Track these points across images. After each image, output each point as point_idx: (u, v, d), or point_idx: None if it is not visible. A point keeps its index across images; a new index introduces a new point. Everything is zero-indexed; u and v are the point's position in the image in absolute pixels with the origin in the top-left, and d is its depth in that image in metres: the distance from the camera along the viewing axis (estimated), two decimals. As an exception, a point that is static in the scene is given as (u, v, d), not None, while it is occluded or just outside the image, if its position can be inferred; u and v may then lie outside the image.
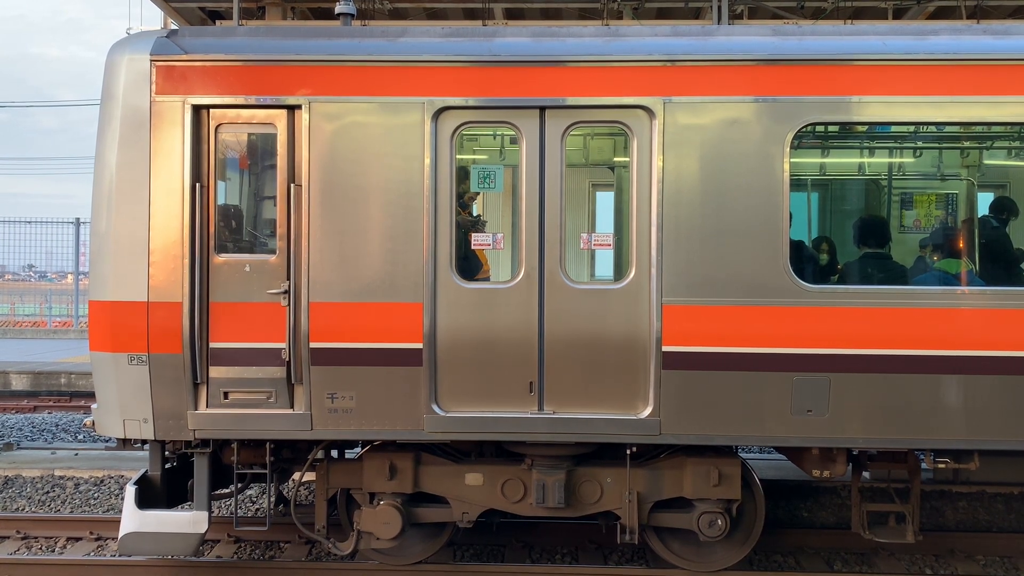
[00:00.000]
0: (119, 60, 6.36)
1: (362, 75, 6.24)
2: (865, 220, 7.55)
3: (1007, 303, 6.08)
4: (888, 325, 6.05)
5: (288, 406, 6.33)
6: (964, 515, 8.47)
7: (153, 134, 6.28)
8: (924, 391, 6.05)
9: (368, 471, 6.67)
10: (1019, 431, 6.05)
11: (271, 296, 6.32)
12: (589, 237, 6.80)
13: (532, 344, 6.19)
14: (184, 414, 6.31)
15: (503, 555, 7.60)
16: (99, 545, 7.81)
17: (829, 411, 6.10)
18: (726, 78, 6.13)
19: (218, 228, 6.40)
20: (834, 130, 7.06)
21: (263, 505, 8.71)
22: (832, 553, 7.67)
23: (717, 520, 6.52)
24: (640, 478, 6.57)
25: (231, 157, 6.56)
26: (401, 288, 6.20)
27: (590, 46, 6.26)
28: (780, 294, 6.08)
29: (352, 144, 6.23)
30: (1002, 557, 7.59)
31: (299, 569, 7.05)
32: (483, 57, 6.25)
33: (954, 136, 7.41)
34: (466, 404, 6.25)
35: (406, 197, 6.20)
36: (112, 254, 6.32)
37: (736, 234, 6.10)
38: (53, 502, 8.89)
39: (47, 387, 15.62)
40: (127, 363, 6.30)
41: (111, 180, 6.32)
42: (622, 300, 6.19)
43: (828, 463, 6.53)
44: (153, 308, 6.27)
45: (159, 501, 6.64)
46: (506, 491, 6.65)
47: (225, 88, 6.29)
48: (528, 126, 6.25)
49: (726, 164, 6.11)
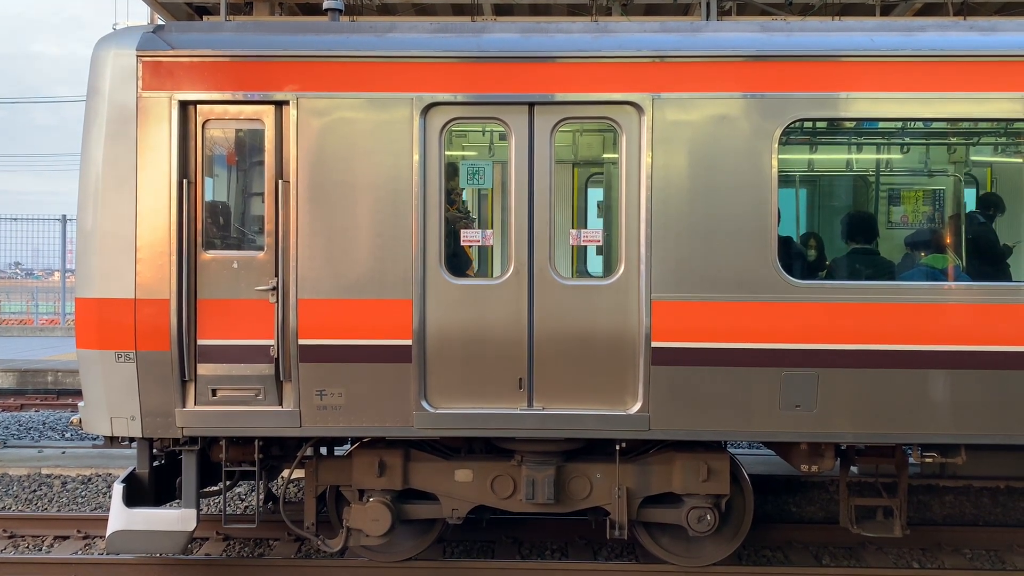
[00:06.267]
0: (105, 55, 6.32)
1: (350, 71, 6.22)
2: (853, 216, 7.57)
3: (993, 298, 6.12)
4: (876, 320, 6.08)
5: (277, 403, 6.32)
6: (951, 509, 8.52)
7: (140, 130, 6.24)
8: (911, 386, 6.09)
9: (357, 468, 6.66)
10: (1005, 425, 6.10)
11: (259, 293, 6.29)
12: (578, 233, 6.80)
13: (521, 340, 6.19)
14: (172, 411, 6.28)
15: (493, 551, 7.61)
16: (87, 544, 7.77)
17: (817, 406, 6.12)
18: (714, 74, 6.14)
19: (206, 224, 6.37)
20: (822, 126, 7.08)
21: (252, 502, 8.69)
22: (820, 547, 7.71)
23: (706, 515, 6.55)
24: (629, 474, 6.58)
25: (218, 153, 6.52)
26: (390, 284, 6.19)
27: (579, 42, 6.26)
28: (768, 290, 6.10)
29: (340, 140, 6.21)
30: (988, 550, 7.65)
31: (288, 566, 7.03)
32: (472, 53, 6.24)
33: (941, 132, 7.44)
34: (455, 400, 6.25)
35: (395, 193, 6.19)
36: (99, 251, 6.28)
37: (725, 230, 6.11)
38: (40, 500, 8.84)
39: (34, 385, 15.54)
40: (114, 360, 6.26)
41: (97, 176, 6.28)
42: (611, 296, 6.19)
43: (816, 458, 6.56)
44: (140, 305, 6.24)
45: (147, 499, 6.61)
46: (496, 487, 6.65)
47: (212, 84, 6.25)
48: (517, 122, 6.24)
49: (715, 160, 6.12)
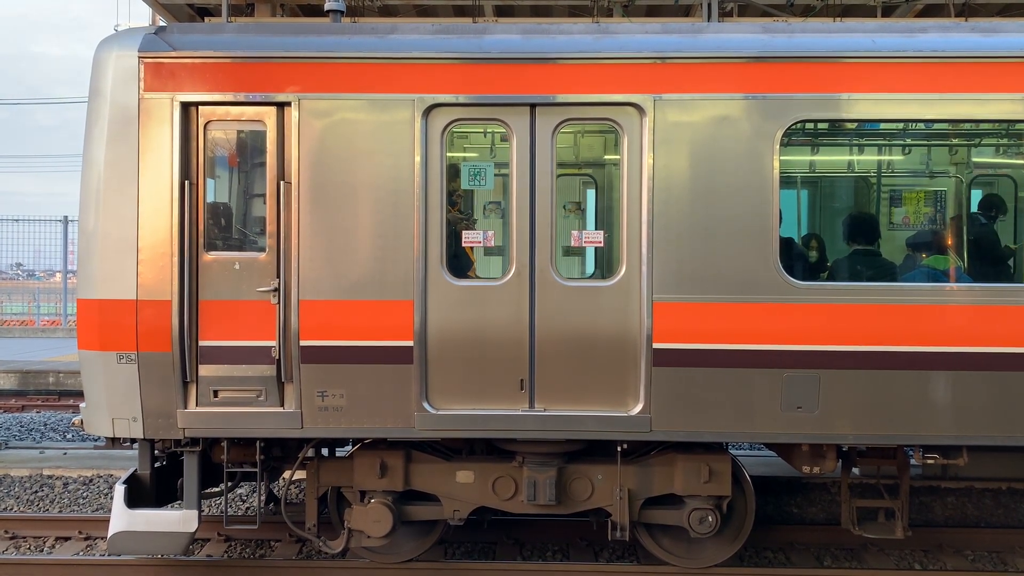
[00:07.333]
0: (107, 57, 6.33)
1: (352, 72, 6.22)
2: (854, 217, 7.57)
3: (995, 299, 6.11)
4: (877, 322, 6.07)
5: (278, 404, 6.32)
6: (953, 511, 8.51)
7: (141, 131, 6.25)
8: (913, 387, 6.08)
9: (359, 469, 6.66)
10: (1007, 427, 6.09)
11: (261, 294, 6.30)
12: (580, 234, 6.80)
13: (523, 341, 6.19)
14: (173, 413, 6.29)
15: (494, 553, 7.61)
16: (88, 545, 7.77)
17: (819, 408, 6.12)
18: (716, 75, 6.14)
19: (207, 226, 6.38)
20: (824, 127, 7.08)
21: (253, 504, 8.68)
22: (822, 549, 7.71)
23: (707, 516, 6.54)
24: (631, 475, 6.58)
25: (220, 154, 6.53)
26: (391, 285, 6.19)
27: (580, 43, 6.26)
28: (770, 291, 6.10)
29: (342, 141, 6.22)
30: (990, 552, 7.64)
31: (289, 568, 7.03)
32: (473, 54, 6.24)
33: (943, 133, 7.44)
34: (457, 402, 6.25)
35: (396, 194, 6.19)
36: (100, 252, 6.29)
37: (726, 231, 6.11)
38: (42, 502, 8.84)
39: (35, 386, 15.54)
40: (116, 362, 6.27)
41: (99, 178, 6.29)
42: (613, 297, 6.19)
43: (818, 459, 6.55)
44: (142, 306, 6.24)
45: (148, 500, 6.61)
46: (497, 488, 6.65)
47: (214, 85, 6.26)
48: (518, 123, 6.24)
49: (716, 161, 6.12)
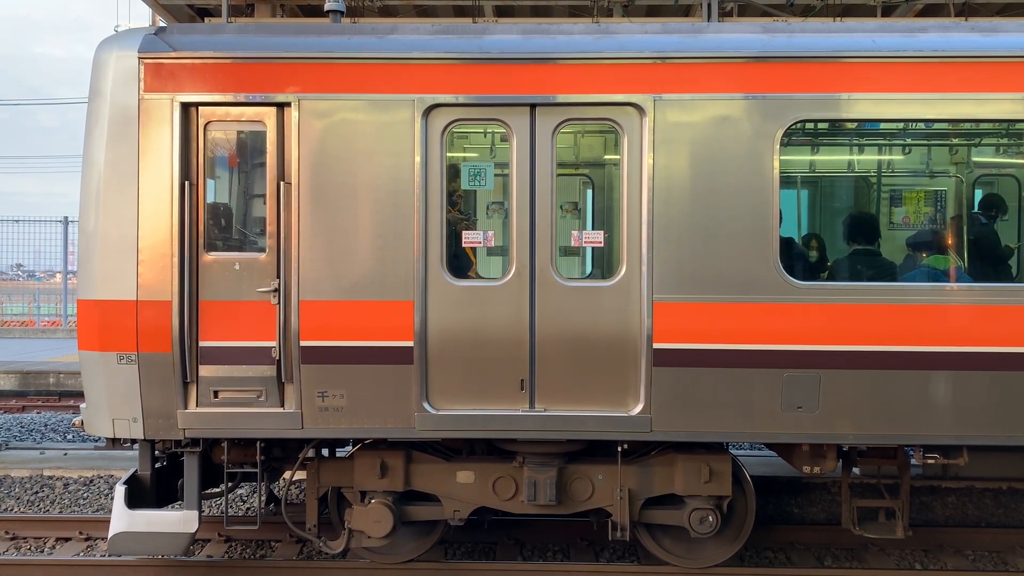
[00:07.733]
0: (107, 58, 6.33)
1: (352, 72, 6.22)
2: (855, 217, 7.57)
3: (995, 299, 6.11)
4: (878, 321, 6.07)
5: (279, 405, 6.32)
6: (953, 510, 8.51)
7: (141, 132, 6.25)
8: (913, 387, 6.08)
9: (359, 469, 6.66)
10: (1007, 426, 6.09)
11: (261, 294, 6.30)
12: (580, 234, 6.80)
13: (523, 342, 6.19)
14: (174, 413, 6.29)
15: (494, 553, 7.60)
16: (89, 545, 7.77)
17: (819, 407, 6.12)
18: (716, 75, 6.14)
19: (207, 226, 6.38)
20: (824, 127, 7.08)
21: (254, 504, 8.68)
22: (822, 549, 7.71)
23: (708, 516, 6.54)
24: (631, 475, 6.58)
25: (220, 155, 6.53)
26: (392, 286, 6.19)
27: (580, 43, 6.26)
28: (770, 291, 6.10)
29: (342, 142, 6.22)
30: (991, 552, 7.64)
31: (290, 568, 7.03)
32: (473, 54, 6.24)
33: (943, 133, 7.44)
34: (457, 402, 6.25)
35: (396, 195, 6.19)
36: (100, 252, 6.29)
37: (726, 231, 6.11)
38: (42, 502, 8.84)
39: (36, 387, 15.55)
40: (116, 362, 6.27)
41: (99, 178, 6.29)
42: (613, 297, 6.19)
43: (818, 459, 6.55)
44: (142, 307, 6.24)
45: (149, 501, 6.61)
46: (497, 489, 6.65)
47: (214, 86, 6.26)
48: (518, 123, 6.24)
49: (716, 161, 6.12)
